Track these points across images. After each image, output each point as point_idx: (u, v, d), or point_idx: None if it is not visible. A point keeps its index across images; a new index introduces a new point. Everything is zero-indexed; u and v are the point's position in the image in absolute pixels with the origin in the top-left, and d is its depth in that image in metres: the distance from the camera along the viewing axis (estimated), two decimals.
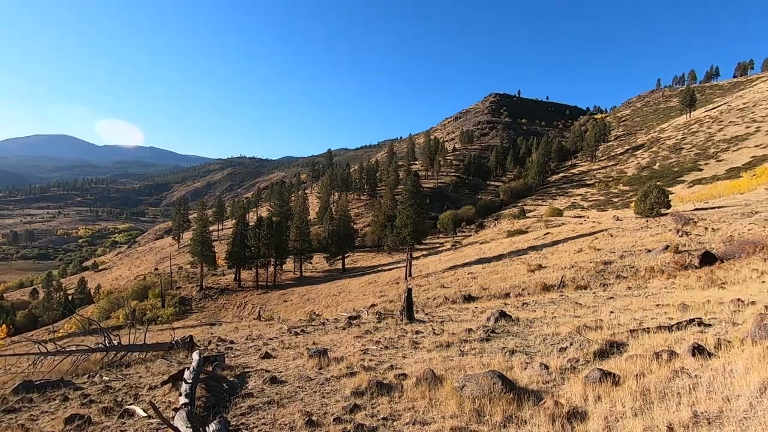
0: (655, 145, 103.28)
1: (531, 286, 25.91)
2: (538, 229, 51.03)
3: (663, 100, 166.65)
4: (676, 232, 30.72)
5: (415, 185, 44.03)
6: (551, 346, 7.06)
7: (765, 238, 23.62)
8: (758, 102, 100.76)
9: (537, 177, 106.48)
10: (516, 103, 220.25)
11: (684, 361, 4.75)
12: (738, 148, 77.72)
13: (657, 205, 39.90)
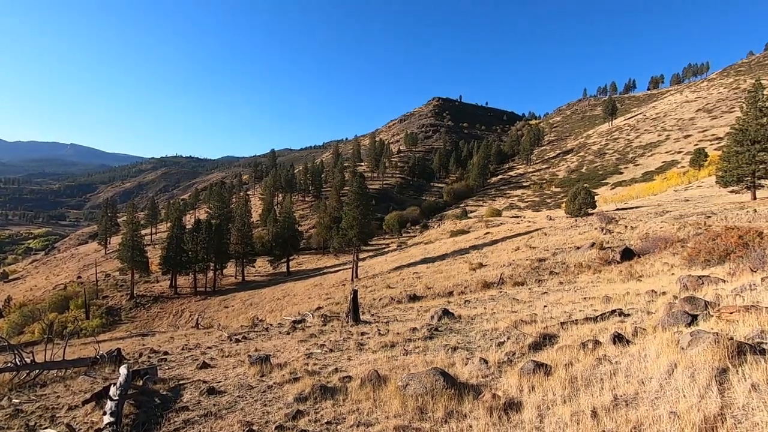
0: (582, 150, 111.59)
1: (473, 284, 26.87)
2: (479, 229, 53.13)
3: (589, 109, 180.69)
4: (600, 230, 33.37)
5: (360, 186, 44.04)
6: (490, 341, 7.35)
7: (674, 235, 26.34)
8: (668, 113, 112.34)
9: (478, 179, 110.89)
10: (458, 107, 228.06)
11: (606, 349, 5.15)
12: (652, 153, 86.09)
13: (584, 206, 43.17)
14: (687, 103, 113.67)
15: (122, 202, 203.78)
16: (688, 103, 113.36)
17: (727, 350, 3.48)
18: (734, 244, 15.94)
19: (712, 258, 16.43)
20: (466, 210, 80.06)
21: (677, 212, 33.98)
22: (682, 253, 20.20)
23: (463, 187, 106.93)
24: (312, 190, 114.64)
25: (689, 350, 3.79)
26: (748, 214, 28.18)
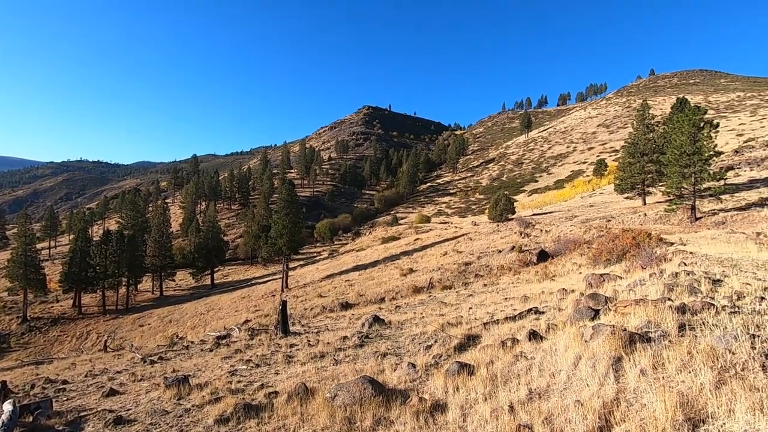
0: (503, 159, 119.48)
1: (404, 290, 27.37)
2: (409, 235, 54.41)
3: (508, 121, 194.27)
4: (519, 234, 35.83)
5: (290, 194, 43.01)
6: (419, 345, 7.52)
7: (581, 237, 29.07)
8: (574, 127, 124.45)
9: (408, 186, 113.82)
10: (387, 116, 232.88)
11: (523, 346, 5.50)
12: (562, 163, 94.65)
13: (505, 212, 46.14)
14: (590, 119, 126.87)
15: (12, 212, 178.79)
16: (590, 119, 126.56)
17: (621, 340, 3.89)
18: (629, 244, 18.00)
19: (612, 257, 18.39)
20: (397, 217, 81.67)
21: (584, 217, 37.61)
22: (588, 254, 22.33)
23: (394, 195, 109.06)
24: (239, 197, 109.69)
25: (591, 342, 4.18)
26: (640, 218, 32.01)
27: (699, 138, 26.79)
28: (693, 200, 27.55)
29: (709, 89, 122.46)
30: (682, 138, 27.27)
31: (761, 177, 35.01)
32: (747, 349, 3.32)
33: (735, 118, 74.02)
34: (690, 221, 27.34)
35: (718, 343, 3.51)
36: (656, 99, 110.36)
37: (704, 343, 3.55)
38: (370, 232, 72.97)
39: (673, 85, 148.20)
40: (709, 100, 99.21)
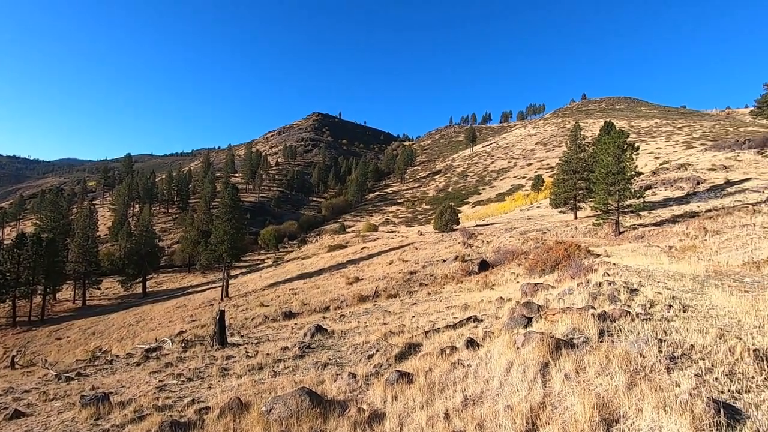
0: (449, 171, 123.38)
1: (349, 298, 27.20)
2: (357, 243, 54.35)
3: (454, 135, 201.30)
4: (463, 244, 37.03)
5: (233, 198, 41.39)
6: (361, 355, 7.48)
7: (519, 248, 30.61)
8: (515, 143, 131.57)
9: (356, 195, 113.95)
10: (338, 124, 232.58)
11: (461, 354, 5.65)
12: (503, 177, 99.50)
13: (450, 222, 47.54)
14: (529, 137, 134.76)
15: None
16: (530, 137, 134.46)
17: (548, 347, 4.13)
18: (561, 255, 19.21)
19: (546, 268, 19.51)
20: (345, 225, 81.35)
21: (522, 229, 39.66)
22: (525, 264, 23.51)
23: (342, 203, 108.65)
24: (177, 201, 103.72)
25: (522, 349, 4.39)
26: (572, 231, 34.33)
27: (623, 159, 29.34)
28: (617, 216, 30.03)
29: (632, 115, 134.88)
30: (608, 158, 29.70)
31: (674, 196, 38.97)
32: (655, 352, 3.65)
33: (653, 142, 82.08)
34: (614, 235, 29.73)
35: (632, 347, 3.83)
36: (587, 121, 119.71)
37: (620, 348, 3.85)
38: (316, 240, 72.00)
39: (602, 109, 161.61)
40: (632, 124, 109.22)
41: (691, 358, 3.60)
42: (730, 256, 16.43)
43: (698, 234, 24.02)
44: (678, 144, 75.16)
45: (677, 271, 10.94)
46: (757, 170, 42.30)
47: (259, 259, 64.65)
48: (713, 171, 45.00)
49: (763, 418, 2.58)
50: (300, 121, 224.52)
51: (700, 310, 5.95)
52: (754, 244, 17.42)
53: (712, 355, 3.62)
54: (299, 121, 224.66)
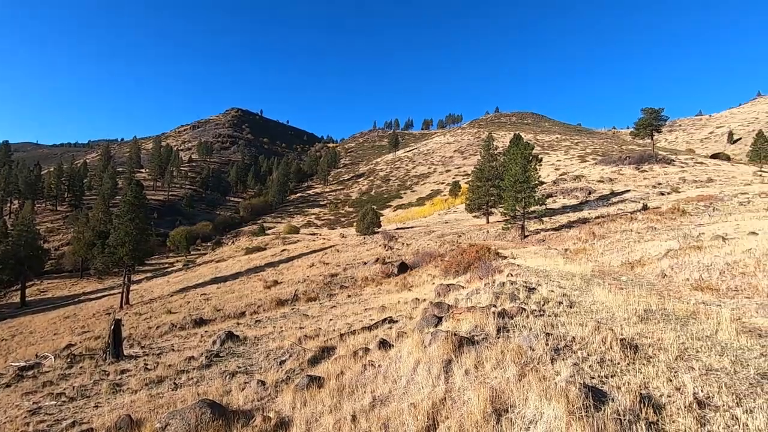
0: (372, 175, 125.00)
1: (267, 303, 26.22)
2: (276, 245, 52.68)
3: (378, 139, 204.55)
4: (384, 247, 37.70)
5: (138, 196, 37.68)
6: (273, 361, 7.24)
7: (437, 251, 31.96)
8: (435, 150, 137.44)
9: (277, 195, 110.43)
10: (259, 121, 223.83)
11: (373, 355, 5.73)
12: (424, 183, 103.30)
13: (372, 225, 48.13)
14: (448, 144, 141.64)
15: None
16: (449, 144, 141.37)
17: (452, 345, 4.35)
18: (473, 257, 20.44)
19: (459, 269, 20.60)
20: (264, 226, 78.37)
21: (440, 232, 41.47)
22: (441, 266, 24.60)
23: (262, 203, 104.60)
24: (69, 197, 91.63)
25: (429, 348, 4.57)
26: (484, 234, 36.68)
27: (528, 169, 32.07)
28: (523, 221, 32.74)
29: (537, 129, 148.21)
30: (516, 168, 32.27)
31: (570, 204, 43.55)
32: (543, 345, 4.02)
33: (554, 155, 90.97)
34: (520, 238, 32.37)
35: (524, 342, 4.18)
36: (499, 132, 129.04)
37: (514, 343, 4.19)
38: (233, 242, 68.43)
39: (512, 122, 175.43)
40: (537, 138, 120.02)
41: (571, 349, 4.03)
42: (612, 257, 18.74)
43: (588, 238, 27.06)
44: (574, 158, 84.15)
45: (569, 271, 12.19)
46: (634, 183, 48.92)
47: (168, 263, 59.68)
48: (601, 183, 51.11)
49: (623, 399, 2.97)
50: (217, 116, 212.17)
51: (584, 305, 6.70)
52: (631, 247, 20.06)
53: (588, 346, 4.08)
54: (216, 116, 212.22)
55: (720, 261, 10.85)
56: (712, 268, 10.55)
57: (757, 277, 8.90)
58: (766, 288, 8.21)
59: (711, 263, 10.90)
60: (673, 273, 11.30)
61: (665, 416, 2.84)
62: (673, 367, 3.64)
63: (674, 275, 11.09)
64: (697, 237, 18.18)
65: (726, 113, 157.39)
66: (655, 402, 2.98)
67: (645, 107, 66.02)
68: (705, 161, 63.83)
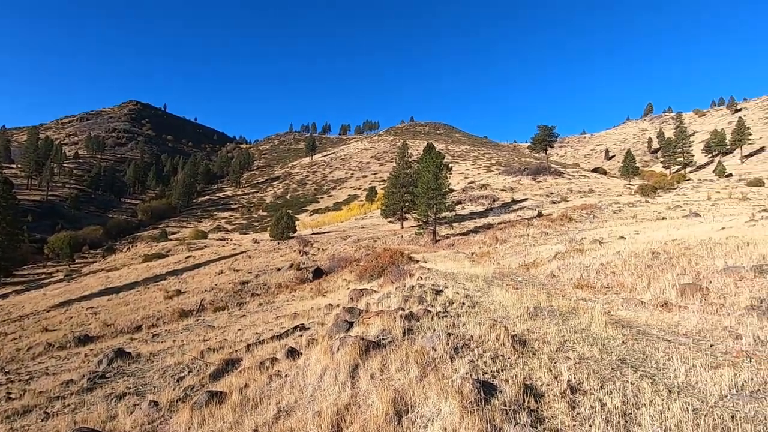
0: (288, 178, 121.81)
1: (168, 314, 24.10)
2: (181, 252, 48.73)
3: (294, 142, 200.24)
4: (299, 252, 36.87)
5: (5, 196, 32.31)
6: (170, 378, 6.66)
7: (352, 255, 32.11)
8: (353, 156, 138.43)
9: (183, 198, 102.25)
10: (162, 117, 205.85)
11: (281, 365, 5.55)
12: (341, 187, 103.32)
13: (287, 230, 46.82)
14: (365, 150, 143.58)
15: None
16: (366, 150, 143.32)
17: (360, 349, 4.39)
18: (387, 262, 20.90)
19: (374, 273, 20.91)
20: (167, 231, 72.00)
21: (356, 237, 41.75)
22: (356, 271, 24.74)
23: (165, 206, 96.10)
24: None
25: (337, 354, 4.56)
26: (398, 239, 37.73)
27: (440, 177, 33.77)
28: (434, 226, 34.35)
29: (449, 140, 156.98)
30: (428, 175, 33.79)
31: (477, 210, 46.73)
32: (444, 345, 4.24)
33: (464, 164, 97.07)
34: (432, 242, 33.88)
35: (427, 342, 4.37)
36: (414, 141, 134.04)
37: (418, 344, 4.36)
38: (129, 249, 61.76)
39: (426, 132, 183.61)
40: (449, 148, 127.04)
41: (469, 347, 4.30)
42: (512, 260, 20.49)
43: (492, 242, 29.26)
44: (481, 167, 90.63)
45: (474, 274, 13.05)
46: (531, 192, 54.09)
47: (45, 273, 51.83)
48: (504, 191, 55.67)
49: (510, 390, 3.26)
50: (112, 109, 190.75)
51: (484, 305, 7.21)
52: (527, 251, 22.13)
53: (484, 343, 4.39)
54: (111, 108, 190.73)
55: (596, 262, 12.42)
56: (590, 268, 12.04)
57: (624, 276, 10.36)
58: (630, 285, 9.59)
59: (589, 264, 12.44)
60: (560, 273, 12.67)
61: (544, 403, 3.16)
62: (553, 358, 4.07)
63: (561, 275, 12.44)
64: (579, 241, 20.64)
65: (603, 133, 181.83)
66: (536, 391, 3.31)
67: (540, 124, 73.60)
68: (588, 174, 72.86)
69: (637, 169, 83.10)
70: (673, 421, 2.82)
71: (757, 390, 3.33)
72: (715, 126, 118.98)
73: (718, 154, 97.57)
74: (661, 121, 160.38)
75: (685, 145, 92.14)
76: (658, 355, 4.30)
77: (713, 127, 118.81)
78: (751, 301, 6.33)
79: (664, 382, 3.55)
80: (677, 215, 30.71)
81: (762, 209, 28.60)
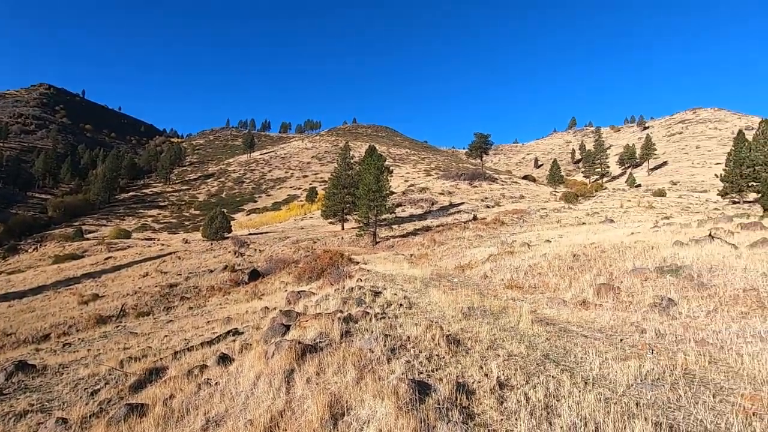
0: (223, 175, 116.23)
1: (82, 321, 21.97)
2: (99, 252, 44.66)
3: (231, 138, 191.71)
4: (234, 253, 35.34)
5: None
6: (83, 392, 6.05)
7: (291, 257, 31.38)
8: (293, 155, 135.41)
9: (103, 193, 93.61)
10: (79, 104, 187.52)
11: (211, 372, 5.27)
12: (280, 187, 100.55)
13: (221, 230, 44.69)
14: (306, 150, 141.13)
15: None
16: (307, 150, 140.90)
17: (296, 353, 4.29)
18: (327, 263, 20.69)
19: (313, 275, 20.60)
20: (84, 230, 65.48)
21: (295, 238, 40.86)
22: (295, 272, 24.22)
23: (81, 202, 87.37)
24: None
25: (272, 359, 4.42)
26: (339, 240, 37.51)
27: (381, 179, 34.10)
28: (375, 228, 34.59)
29: (390, 143, 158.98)
30: (370, 178, 33.98)
31: (417, 213, 47.79)
32: (381, 346, 4.27)
33: (404, 167, 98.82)
34: (372, 244, 34.09)
35: (365, 344, 4.38)
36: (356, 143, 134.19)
37: (355, 346, 4.35)
38: (36, 249, 55.39)
39: (368, 134, 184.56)
40: (390, 151, 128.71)
41: (406, 348, 4.38)
42: (448, 261, 21.19)
43: (430, 244, 30.07)
44: (421, 171, 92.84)
45: (413, 275, 13.32)
46: (468, 196, 56.40)
47: None
48: (443, 195, 57.48)
49: (443, 389, 3.36)
50: (18, 91, 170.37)
51: (421, 306, 7.38)
52: (463, 253, 23.02)
53: (420, 343, 4.49)
54: (17, 91, 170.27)
55: (525, 264, 13.22)
56: (519, 269, 12.79)
57: (549, 276, 11.12)
58: (554, 285, 10.33)
59: (519, 266, 13.21)
60: (492, 274, 13.32)
61: (475, 400, 3.30)
62: (485, 356, 4.26)
63: (493, 276, 13.09)
64: (510, 244, 21.86)
65: (533, 143, 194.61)
66: (468, 388, 3.45)
67: (477, 132, 77.14)
68: (519, 181, 77.44)
69: (562, 177, 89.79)
70: (588, 410, 3.07)
71: (658, 378, 3.73)
72: (628, 141, 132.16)
73: (630, 166, 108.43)
74: (583, 134, 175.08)
75: (602, 157, 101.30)
76: (576, 350, 4.66)
77: (626, 141, 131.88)
78: (654, 298, 7.09)
79: (581, 374, 3.86)
80: (595, 221, 33.62)
81: (664, 217, 32.18)
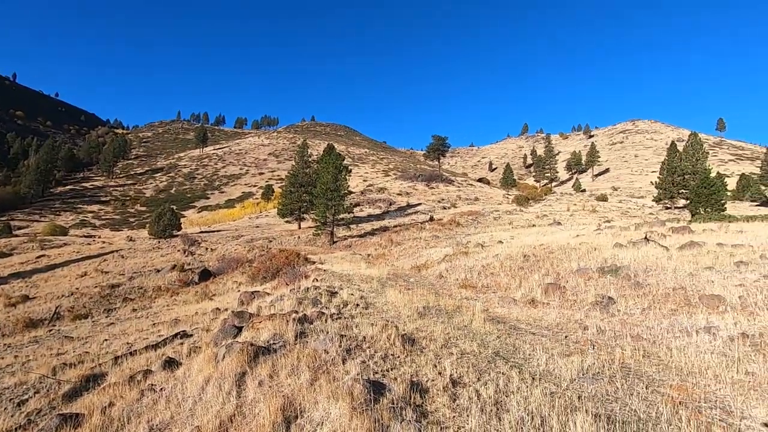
0: (173, 170, 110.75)
1: (9, 325, 20.20)
2: (30, 250, 41.14)
3: (182, 132, 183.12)
4: (183, 252, 33.77)
5: None
6: (8, 403, 5.54)
7: (245, 256, 30.44)
8: (248, 151, 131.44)
9: (35, 186, 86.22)
10: (9, 88, 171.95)
11: (156, 378, 5.00)
12: (234, 184, 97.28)
13: (170, 227, 42.52)
14: (263, 146, 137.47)
15: None
16: (263, 146, 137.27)
17: (248, 356, 4.16)
18: (282, 263, 20.26)
19: (268, 275, 20.09)
20: (13, 225, 60.01)
21: (249, 236, 39.68)
22: (248, 272, 23.52)
23: (10, 195, 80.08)
24: None
25: (222, 362, 4.26)
26: (295, 239, 36.84)
27: (339, 179, 33.87)
28: (332, 227, 34.30)
29: (349, 142, 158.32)
30: (328, 176, 33.66)
31: (375, 213, 47.90)
32: (337, 347, 4.23)
33: (363, 167, 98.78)
34: (330, 244, 33.79)
35: (320, 345, 4.32)
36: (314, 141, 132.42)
37: (310, 347, 4.28)
38: None
39: (327, 132, 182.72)
40: (349, 150, 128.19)
41: (362, 348, 4.37)
42: (405, 261, 21.42)
43: (387, 244, 30.25)
44: (379, 171, 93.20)
45: (370, 275, 13.33)
46: (425, 197, 57.28)
47: None
48: (400, 195, 58.00)
49: (398, 388, 3.38)
50: None
51: (378, 306, 7.40)
52: (419, 253, 23.35)
53: (376, 343, 4.50)
54: None
55: (478, 264, 13.62)
56: (473, 269, 13.15)
57: (501, 276, 11.52)
58: (506, 284, 10.71)
59: (473, 266, 13.58)
60: (447, 274, 13.61)
61: (428, 398, 3.35)
62: (438, 354, 4.34)
63: (448, 276, 13.37)
64: (465, 244, 22.45)
65: (488, 147, 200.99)
66: (422, 387, 3.49)
67: (435, 134, 78.51)
68: (474, 183, 79.68)
69: (514, 181, 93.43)
70: (535, 405, 3.20)
71: (598, 372, 3.96)
72: (575, 148, 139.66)
73: (576, 172, 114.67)
74: (534, 140, 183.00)
75: (551, 163, 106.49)
76: (525, 347, 4.85)
77: (573, 148, 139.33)
78: (596, 297, 7.53)
79: (529, 370, 4.02)
80: (544, 223, 35.26)
81: (606, 220, 34.33)
